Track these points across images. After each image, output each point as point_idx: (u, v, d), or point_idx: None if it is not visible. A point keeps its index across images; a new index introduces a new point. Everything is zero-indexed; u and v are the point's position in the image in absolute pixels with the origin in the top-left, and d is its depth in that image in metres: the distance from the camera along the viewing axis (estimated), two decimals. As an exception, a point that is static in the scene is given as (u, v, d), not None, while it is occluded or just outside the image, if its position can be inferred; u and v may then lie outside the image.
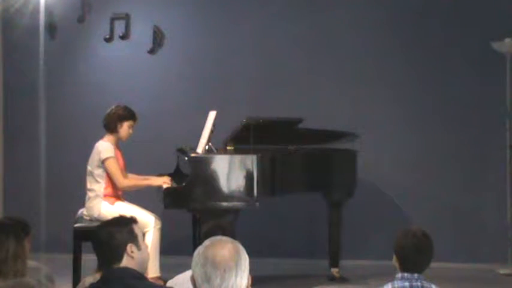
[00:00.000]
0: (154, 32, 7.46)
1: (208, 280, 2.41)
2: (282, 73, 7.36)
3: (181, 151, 6.39)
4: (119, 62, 7.53)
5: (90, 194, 5.85)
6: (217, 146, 6.13)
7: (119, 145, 6.01)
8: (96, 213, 5.79)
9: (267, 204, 6.02)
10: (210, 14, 7.47)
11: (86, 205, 5.88)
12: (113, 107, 5.97)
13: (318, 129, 6.36)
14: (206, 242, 2.50)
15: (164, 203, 5.73)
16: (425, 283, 3.36)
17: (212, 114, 6.10)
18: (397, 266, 3.43)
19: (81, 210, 5.98)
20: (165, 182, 5.90)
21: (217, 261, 2.41)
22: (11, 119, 7.63)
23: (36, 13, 7.22)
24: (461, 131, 7.15)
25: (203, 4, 7.50)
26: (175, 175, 6.29)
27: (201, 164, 5.73)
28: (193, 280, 2.46)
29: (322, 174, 6.29)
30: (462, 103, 7.15)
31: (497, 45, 6.78)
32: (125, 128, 5.91)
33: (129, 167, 6.11)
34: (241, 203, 5.70)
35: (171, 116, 7.37)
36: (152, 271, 5.67)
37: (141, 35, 7.49)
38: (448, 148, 7.17)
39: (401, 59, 7.24)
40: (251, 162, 5.69)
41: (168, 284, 3.70)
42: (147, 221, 5.77)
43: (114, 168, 5.81)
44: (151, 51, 7.49)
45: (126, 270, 3.14)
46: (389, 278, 3.46)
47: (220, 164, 5.71)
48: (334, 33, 7.33)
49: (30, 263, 3.48)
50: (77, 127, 7.42)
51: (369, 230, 7.13)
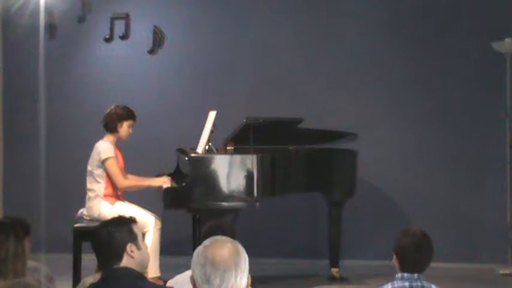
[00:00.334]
0: (154, 32, 7.46)
1: (208, 280, 2.41)
2: (282, 73, 7.36)
3: (181, 151, 6.39)
4: (118, 62, 7.53)
5: (90, 194, 5.85)
6: (217, 146, 6.13)
7: (119, 145, 6.01)
8: (96, 213, 5.79)
9: (267, 204, 6.02)
10: (210, 14, 7.47)
11: (86, 205, 5.88)
12: (112, 106, 5.98)
13: (318, 129, 6.36)
14: (206, 242, 2.49)
15: (164, 203, 5.73)
16: (425, 283, 3.36)
17: (212, 114, 6.10)
18: (397, 266, 3.43)
19: (81, 210, 5.98)
20: (164, 182, 5.91)
21: (217, 261, 2.41)
22: (11, 119, 7.63)
23: (36, 13, 7.21)
24: (461, 131, 7.15)
25: (203, 4, 7.50)
26: (175, 175, 6.29)
27: (201, 164, 5.73)
28: (193, 280, 2.46)
29: (322, 174, 6.28)
30: (462, 103, 7.15)
31: (497, 45, 6.78)
32: (124, 128, 5.91)
33: (129, 167, 6.10)
34: (241, 203, 5.70)
35: (171, 116, 7.37)
36: (152, 271, 5.67)
37: (141, 35, 7.49)
38: (448, 148, 7.16)
39: (402, 59, 7.24)
40: (251, 162, 5.69)
41: (168, 284, 3.70)
42: (147, 221, 5.77)
43: (114, 168, 5.81)
44: (151, 51, 7.49)
45: (126, 270, 3.14)
46: (389, 278, 3.46)
47: (220, 164, 5.71)
48: (335, 33, 7.33)
49: (30, 263, 3.48)
50: (77, 127, 7.42)
51: (369, 230, 7.13)
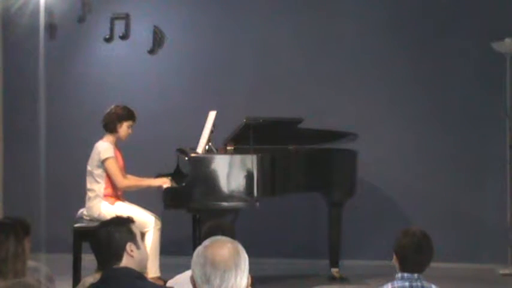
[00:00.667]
0: (154, 32, 7.46)
1: (207, 280, 2.41)
2: (282, 73, 7.36)
3: (181, 151, 6.39)
4: (118, 62, 7.53)
5: (90, 194, 5.85)
6: (217, 146, 6.12)
7: (119, 145, 6.01)
8: (96, 213, 5.79)
9: (267, 204, 6.02)
10: (210, 14, 7.47)
11: (86, 205, 5.88)
12: (112, 106, 5.98)
13: (318, 129, 6.36)
14: (206, 242, 2.49)
15: (164, 203, 5.73)
16: (425, 283, 3.36)
17: (212, 114, 6.09)
18: (397, 265, 3.43)
19: (81, 210, 5.98)
20: (164, 182, 5.90)
21: (217, 261, 2.41)
22: (11, 119, 7.63)
23: (36, 13, 7.20)
24: (461, 131, 7.15)
25: (203, 4, 7.50)
26: (175, 175, 6.29)
27: (201, 164, 5.73)
28: (193, 280, 2.46)
29: (322, 174, 6.28)
30: (462, 103, 7.15)
31: (497, 45, 6.78)
32: (124, 128, 5.91)
33: (129, 167, 6.10)
34: (241, 203, 5.69)
35: (171, 116, 7.37)
36: (152, 271, 5.67)
37: (141, 35, 7.49)
38: (448, 148, 7.16)
39: (402, 58, 7.24)
40: (251, 162, 5.69)
41: (168, 284, 3.70)
42: (147, 221, 5.77)
43: (114, 168, 5.81)
44: (151, 51, 7.49)
45: (126, 270, 3.14)
46: (389, 278, 3.46)
47: (220, 164, 5.71)
48: (335, 33, 7.33)
49: (30, 263, 3.48)
50: (77, 127, 7.42)
51: (369, 230, 7.13)
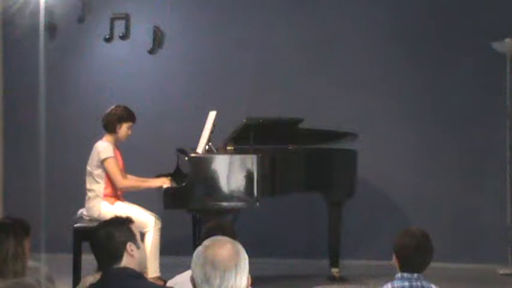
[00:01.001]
0: (154, 32, 7.46)
1: (207, 280, 2.41)
2: (282, 73, 7.36)
3: (181, 151, 6.39)
4: (119, 62, 7.52)
5: (89, 194, 5.85)
6: (217, 146, 6.12)
7: (118, 145, 6.01)
8: (96, 214, 5.78)
9: (267, 204, 6.02)
10: (210, 14, 7.47)
11: (86, 205, 5.88)
12: (112, 107, 5.97)
13: (318, 129, 6.36)
14: (206, 242, 2.50)
15: (164, 203, 5.72)
16: (425, 283, 3.36)
17: (212, 114, 6.09)
18: (396, 266, 3.43)
19: (81, 210, 5.98)
20: (164, 182, 5.90)
21: (217, 262, 2.41)
22: (11, 119, 7.63)
23: (36, 13, 7.20)
24: (461, 131, 7.14)
25: (203, 4, 7.50)
26: (175, 175, 6.29)
27: (201, 164, 5.72)
28: (193, 280, 2.46)
29: (322, 174, 6.28)
30: (462, 103, 7.15)
31: (497, 45, 6.78)
32: (123, 129, 5.90)
33: (129, 167, 6.10)
34: (241, 203, 5.69)
35: (171, 116, 7.37)
36: (152, 271, 5.66)
37: (141, 35, 7.49)
38: (448, 148, 7.16)
39: (401, 58, 7.24)
40: (251, 162, 5.69)
41: (168, 284, 3.70)
42: (147, 221, 5.77)
43: (113, 168, 5.81)
44: (151, 51, 7.49)
45: (126, 270, 3.15)
46: (389, 278, 3.46)
47: (220, 164, 5.70)
48: (335, 33, 7.32)
49: (30, 263, 3.48)
50: (77, 127, 7.42)
51: (369, 230, 7.13)
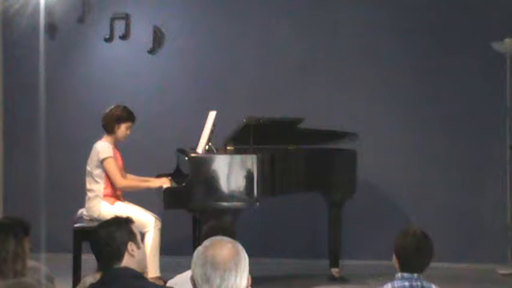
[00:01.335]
0: (154, 32, 7.46)
1: (207, 280, 2.41)
2: (282, 73, 7.36)
3: (181, 151, 6.39)
4: (119, 62, 7.52)
5: (89, 194, 5.85)
6: (217, 146, 6.12)
7: (118, 145, 6.00)
8: (96, 214, 5.78)
9: (267, 204, 6.02)
10: (210, 14, 7.47)
11: (86, 205, 5.87)
12: (112, 107, 5.96)
13: (318, 129, 6.36)
14: (206, 242, 2.49)
15: (164, 203, 5.72)
16: (425, 283, 3.36)
17: (212, 114, 6.09)
18: (396, 266, 3.43)
19: (81, 210, 5.97)
20: (164, 182, 5.90)
21: (217, 262, 2.41)
22: (11, 119, 7.63)
23: (36, 13, 7.20)
24: (461, 131, 7.14)
25: (203, 4, 7.50)
26: (175, 175, 6.29)
27: (201, 164, 5.72)
28: (193, 280, 2.46)
29: (322, 174, 6.28)
30: (462, 103, 7.15)
31: (497, 45, 6.78)
32: (122, 129, 5.89)
33: (129, 167, 6.10)
34: (241, 203, 5.69)
35: (171, 116, 7.37)
36: (152, 271, 5.66)
37: (141, 35, 7.48)
38: (448, 148, 7.16)
39: (402, 59, 7.24)
40: (251, 162, 5.69)
41: (168, 284, 3.70)
42: (147, 221, 5.77)
43: (113, 168, 5.80)
44: (151, 51, 7.48)
45: (126, 270, 3.15)
46: (389, 278, 3.46)
47: (220, 164, 5.70)
48: (335, 33, 7.33)
49: (30, 263, 3.48)
50: (76, 127, 7.42)
51: (369, 230, 7.13)
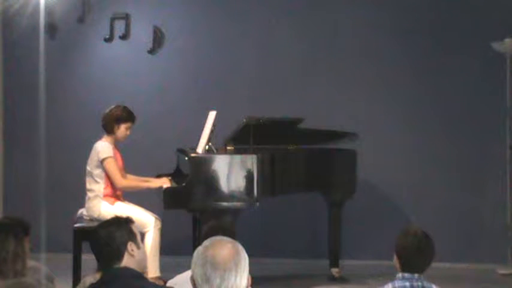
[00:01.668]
0: (154, 32, 7.46)
1: (207, 280, 2.41)
2: (282, 73, 7.36)
3: (182, 151, 6.39)
4: (119, 62, 7.52)
5: (89, 194, 5.84)
6: (217, 146, 6.12)
7: (118, 145, 6.00)
8: (96, 214, 5.78)
9: (267, 204, 6.02)
10: (210, 14, 7.47)
11: (86, 205, 5.87)
12: (112, 107, 5.96)
13: (318, 129, 6.36)
14: (206, 242, 2.49)
15: (164, 203, 5.72)
16: (425, 283, 3.36)
17: (212, 114, 6.09)
18: (397, 266, 3.43)
19: (81, 210, 5.97)
20: (164, 182, 5.89)
21: (217, 262, 2.41)
22: (11, 119, 7.63)
23: (36, 13, 7.20)
24: (461, 131, 7.14)
25: (203, 4, 7.50)
26: (175, 175, 6.29)
27: (201, 164, 5.72)
28: (193, 280, 2.46)
29: (322, 174, 6.28)
30: (462, 103, 7.15)
31: (497, 45, 6.77)
32: (122, 130, 5.89)
33: (129, 167, 6.10)
34: (241, 203, 5.69)
35: (171, 116, 7.37)
36: (152, 271, 5.66)
37: (141, 35, 7.48)
38: (448, 148, 7.16)
39: (401, 59, 7.24)
40: (251, 162, 5.69)
41: (168, 284, 3.70)
42: (147, 221, 5.77)
43: (113, 167, 5.80)
44: (151, 51, 7.48)
45: (126, 270, 3.15)
46: (389, 278, 3.46)
47: (220, 164, 5.70)
48: (334, 33, 7.32)
49: (30, 263, 3.48)
50: (76, 127, 7.42)
51: (369, 230, 7.13)
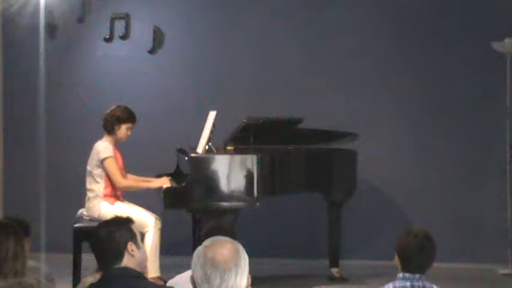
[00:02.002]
0: (154, 32, 7.46)
1: (208, 280, 2.41)
2: (281, 73, 7.36)
3: (181, 151, 6.39)
4: (119, 62, 7.52)
5: (89, 194, 5.84)
6: (217, 146, 6.12)
7: (118, 145, 6.00)
8: (96, 214, 5.78)
9: (267, 204, 6.02)
10: (210, 14, 7.47)
11: (86, 205, 5.87)
12: (113, 107, 5.95)
13: (318, 129, 6.36)
14: (206, 242, 2.50)
15: (164, 203, 5.73)
16: (426, 283, 3.36)
17: (212, 114, 6.09)
18: (398, 266, 3.43)
19: (81, 210, 5.97)
20: (164, 183, 5.89)
21: (217, 261, 2.41)
22: (11, 119, 7.63)
23: (36, 13, 7.21)
24: (461, 131, 7.14)
25: (203, 4, 7.50)
26: (175, 175, 6.29)
27: (201, 164, 5.72)
28: (193, 280, 2.46)
29: (322, 174, 6.28)
30: (462, 103, 7.15)
31: (497, 45, 6.77)
32: (123, 130, 5.89)
33: (129, 167, 6.10)
34: (241, 203, 5.69)
35: (171, 116, 7.37)
36: (152, 271, 5.66)
37: (141, 35, 7.49)
38: (448, 148, 7.16)
39: (401, 59, 7.24)
40: (251, 162, 5.69)
41: (168, 284, 3.70)
42: (147, 221, 5.76)
43: (113, 167, 5.80)
44: (151, 51, 7.48)
45: (126, 270, 3.15)
46: (390, 278, 3.46)
47: (220, 164, 5.70)
48: (334, 33, 7.32)
49: (30, 263, 3.48)
50: (77, 127, 7.42)
51: (369, 230, 7.13)
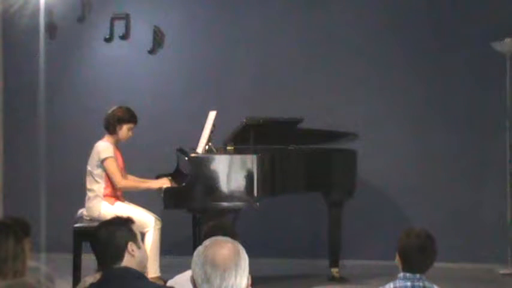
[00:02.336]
0: (154, 32, 7.46)
1: (208, 280, 2.41)
2: (282, 73, 7.36)
3: (182, 151, 6.39)
4: (119, 62, 7.53)
5: (89, 194, 5.84)
6: (217, 146, 6.12)
7: (118, 145, 6.00)
8: (96, 214, 5.78)
9: (267, 204, 6.02)
10: (210, 14, 7.47)
11: (86, 205, 5.87)
12: (114, 107, 5.95)
13: (318, 129, 6.36)
14: (206, 242, 2.50)
15: (164, 203, 5.73)
16: (427, 283, 3.36)
17: (212, 114, 6.09)
18: (399, 265, 3.43)
19: (81, 210, 5.97)
20: (164, 183, 5.89)
21: (217, 261, 2.42)
22: (11, 119, 7.63)
23: (36, 13, 7.21)
24: (461, 131, 7.14)
25: (203, 4, 7.50)
26: (175, 175, 6.29)
27: (201, 164, 5.73)
28: (193, 280, 2.47)
29: (322, 174, 6.28)
30: (462, 103, 7.15)
31: (497, 45, 6.77)
32: (124, 131, 5.89)
33: (129, 167, 6.10)
34: (242, 203, 5.69)
35: (171, 116, 7.37)
36: (152, 271, 5.67)
37: (141, 35, 7.49)
38: (448, 148, 7.16)
39: (402, 58, 7.24)
40: (251, 162, 5.69)
41: (168, 284, 3.70)
42: (147, 221, 5.77)
43: (113, 167, 5.80)
44: (151, 51, 7.48)
45: (127, 270, 3.15)
46: (390, 278, 3.46)
47: (220, 164, 5.70)
48: (335, 33, 7.32)
49: (30, 263, 3.48)
50: (77, 127, 7.42)
51: (369, 230, 7.13)
